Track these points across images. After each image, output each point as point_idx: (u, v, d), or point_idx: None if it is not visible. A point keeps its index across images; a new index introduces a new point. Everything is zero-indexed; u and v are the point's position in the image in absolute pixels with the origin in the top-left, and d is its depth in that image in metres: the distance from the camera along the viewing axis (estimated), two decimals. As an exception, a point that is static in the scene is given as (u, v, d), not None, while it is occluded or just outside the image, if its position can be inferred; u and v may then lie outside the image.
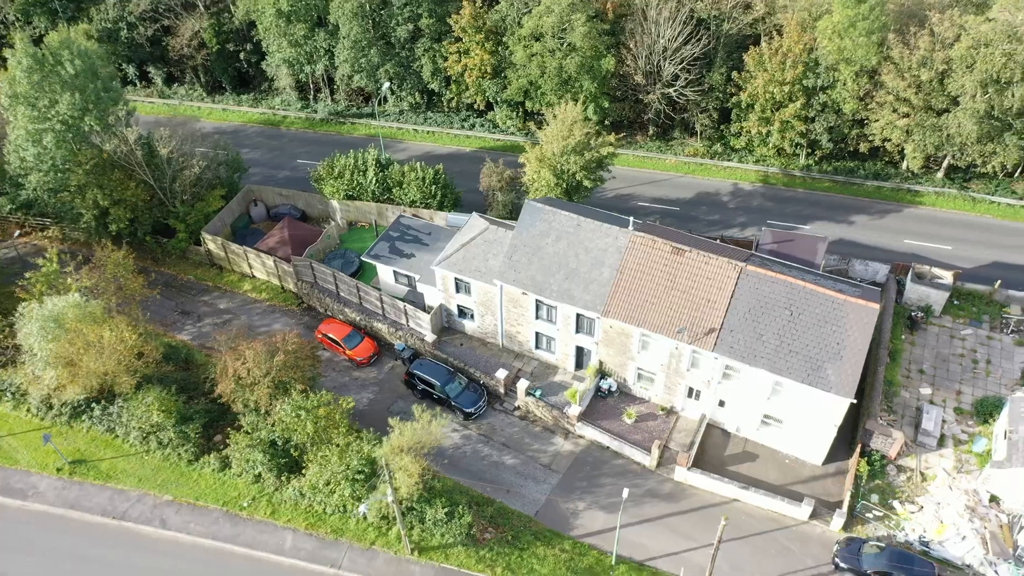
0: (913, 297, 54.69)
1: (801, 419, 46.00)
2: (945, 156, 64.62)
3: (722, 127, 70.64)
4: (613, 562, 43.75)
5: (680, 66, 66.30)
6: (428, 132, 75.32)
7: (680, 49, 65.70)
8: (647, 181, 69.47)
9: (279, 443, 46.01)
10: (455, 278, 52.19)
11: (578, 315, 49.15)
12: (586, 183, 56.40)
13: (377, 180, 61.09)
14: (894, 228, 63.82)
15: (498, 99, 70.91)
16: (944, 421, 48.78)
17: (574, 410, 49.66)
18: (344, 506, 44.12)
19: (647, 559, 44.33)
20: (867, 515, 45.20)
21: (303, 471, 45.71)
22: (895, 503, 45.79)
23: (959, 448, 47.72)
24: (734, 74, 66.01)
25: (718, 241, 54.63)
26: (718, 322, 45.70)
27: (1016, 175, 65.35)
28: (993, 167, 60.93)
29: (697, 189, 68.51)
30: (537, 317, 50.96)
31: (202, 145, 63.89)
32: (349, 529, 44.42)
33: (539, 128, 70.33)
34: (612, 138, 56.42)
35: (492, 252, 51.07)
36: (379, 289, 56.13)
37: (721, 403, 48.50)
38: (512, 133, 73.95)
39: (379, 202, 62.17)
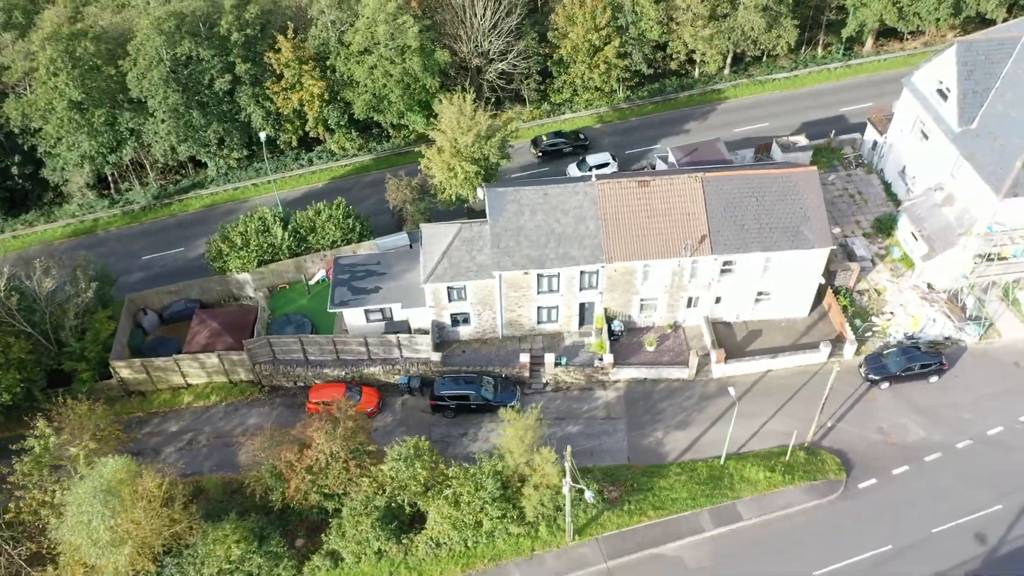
0: (788, 161, 64.46)
1: (788, 283, 53.18)
2: (729, 54, 75.79)
3: (544, 86, 75.53)
4: (723, 461, 47.74)
5: (504, 39, 69.78)
6: (269, 182, 70.94)
7: (498, 25, 69.19)
8: (506, 155, 72.47)
9: (382, 508, 43.08)
10: (447, 288, 51.61)
11: (581, 273, 51.54)
12: (502, 163, 58.26)
13: (288, 234, 57.23)
14: (719, 123, 73.84)
15: (340, 124, 68.97)
16: (866, 246, 59.17)
17: (608, 359, 52.29)
18: (493, 531, 42.87)
19: (740, 449, 48.94)
20: (866, 335, 53.96)
21: (423, 522, 43.50)
22: (874, 319, 55.15)
23: (885, 261, 58.34)
24: (549, 34, 71.20)
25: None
26: (705, 229, 50.98)
27: (763, 57, 78.67)
28: (780, 48, 73.11)
29: (552, 147, 73.02)
30: (540, 292, 52.38)
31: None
32: (503, 550, 43.38)
33: (380, 143, 70.64)
34: (512, 113, 58.70)
35: (475, 248, 51.31)
36: (362, 336, 53.40)
37: (718, 300, 54.16)
38: (354, 155, 72.39)
39: (296, 256, 58.35)
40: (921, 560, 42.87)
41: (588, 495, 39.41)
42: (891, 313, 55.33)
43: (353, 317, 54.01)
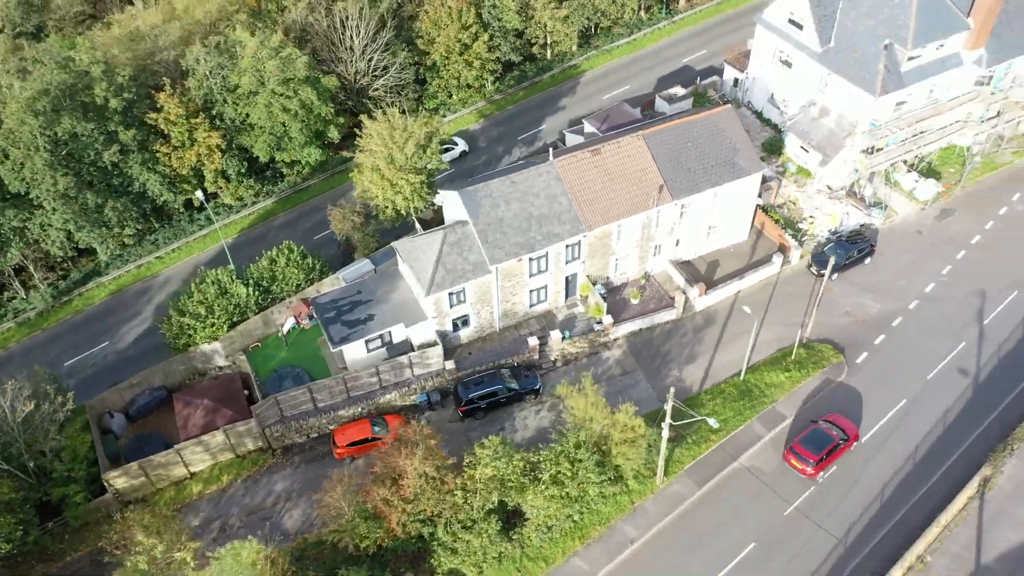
0: (676, 110, 70.48)
1: (732, 212, 59.06)
2: (575, 30, 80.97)
3: (419, 94, 76.42)
4: (742, 376, 52.58)
5: (382, 53, 69.97)
6: (173, 251, 66.13)
7: (376, 39, 69.29)
8: (407, 167, 72.71)
9: (482, 512, 43.36)
10: (448, 294, 51.94)
11: (566, 247, 53.97)
12: (441, 167, 59.07)
13: (252, 289, 54.43)
14: (587, 94, 78.86)
15: (240, 172, 65.79)
16: (767, 167, 66.63)
17: (607, 320, 55.31)
18: (594, 498, 44.51)
19: (752, 365, 53.81)
20: (802, 239, 61.18)
21: (516, 517, 44.27)
22: (800, 225, 62.64)
23: (786, 176, 66.16)
24: (418, 41, 72.33)
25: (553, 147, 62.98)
26: (660, 180, 55.37)
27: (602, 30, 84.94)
28: (626, 15, 79.35)
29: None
30: (532, 275, 54.14)
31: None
32: (608, 512, 45.23)
33: (275, 184, 68.57)
34: (437, 118, 59.63)
35: (465, 248, 52.05)
36: (373, 366, 52.28)
37: (677, 242, 58.93)
38: (253, 203, 69.26)
39: (263, 310, 55.56)
40: (931, 403, 50.27)
41: (712, 421, 42.31)
42: (811, 217, 63.11)
43: (352, 352, 52.65)
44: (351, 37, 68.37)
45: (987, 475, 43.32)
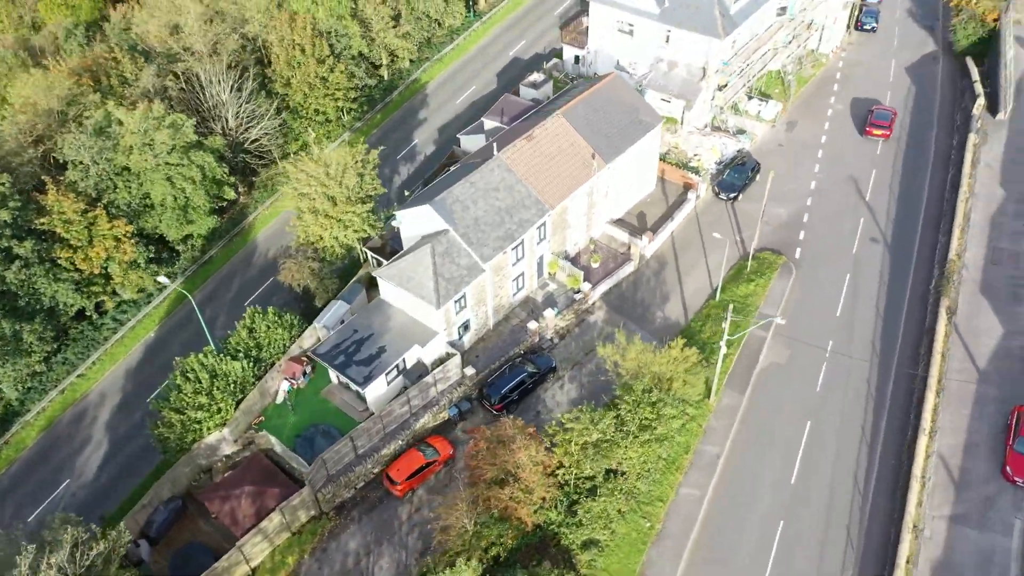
0: (542, 95, 75.17)
1: (643, 165, 65.10)
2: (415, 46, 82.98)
3: (285, 138, 74.34)
4: (717, 298, 58.72)
5: (252, 103, 67.49)
6: (95, 364, 59.28)
7: (239, 92, 66.67)
8: (303, 212, 70.76)
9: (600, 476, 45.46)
10: (454, 302, 52.52)
11: (537, 229, 56.64)
12: (380, 191, 58.95)
13: (248, 362, 51.16)
14: (441, 100, 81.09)
15: (148, 259, 60.49)
16: (641, 123, 73.54)
17: (586, 287, 58.87)
18: (675, 432, 48.03)
19: (718, 287, 60.01)
20: (701, 175, 68.75)
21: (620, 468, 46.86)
22: (691, 164, 70.28)
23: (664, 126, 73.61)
24: (275, 86, 70.52)
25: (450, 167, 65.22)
26: (590, 149, 59.85)
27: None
28: (455, 19, 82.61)
29: (334, 185, 73.10)
30: (513, 264, 56.13)
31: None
32: (685, 442, 49.02)
33: (171, 265, 64.41)
34: (364, 144, 59.33)
35: (454, 255, 52.87)
36: (404, 395, 51.50)
37: (611, 204, 63.82)
38: (160, 291, 63.84)
39: (259, 379, 52.30)
40: (867, 269, 59.72)
41: (778, 319, 47.16)
42: (696, 155, 71.00)
43: (377, 389, 51.46)
44: (216, 94, 65.19)
45: (949, 305, 52.87)
